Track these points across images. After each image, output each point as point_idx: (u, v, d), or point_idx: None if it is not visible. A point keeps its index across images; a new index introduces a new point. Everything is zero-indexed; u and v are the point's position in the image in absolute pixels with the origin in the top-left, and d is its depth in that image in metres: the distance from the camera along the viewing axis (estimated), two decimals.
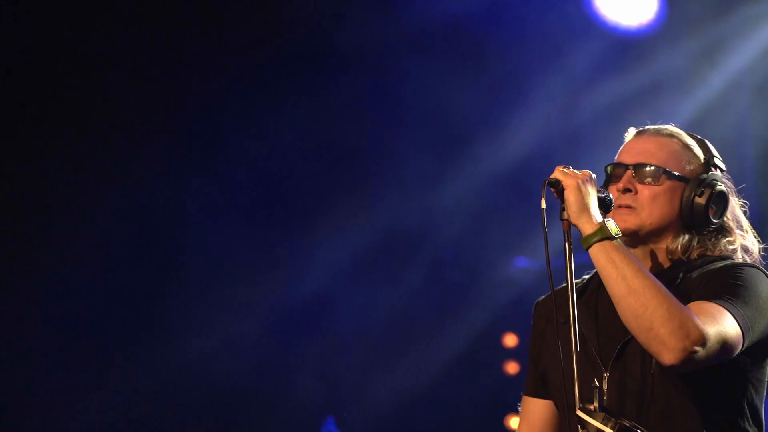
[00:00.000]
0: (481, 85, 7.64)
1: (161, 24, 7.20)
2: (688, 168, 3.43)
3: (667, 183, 3.39)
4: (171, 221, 7.42)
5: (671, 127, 3.50)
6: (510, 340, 8.05)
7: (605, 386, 3.29)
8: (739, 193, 3.53)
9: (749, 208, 3.56)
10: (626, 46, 7.57)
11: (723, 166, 3.48)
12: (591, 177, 3.24)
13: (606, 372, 3.31)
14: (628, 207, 3.38)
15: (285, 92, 7.63)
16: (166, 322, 7.39)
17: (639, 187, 3.39)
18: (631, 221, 3.37)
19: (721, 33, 7.35)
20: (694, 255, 3.40)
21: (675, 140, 3.46)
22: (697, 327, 3.07)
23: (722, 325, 3.14)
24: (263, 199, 7.75)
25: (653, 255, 3.42)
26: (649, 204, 3.38)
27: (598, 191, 3.25)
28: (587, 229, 3.18)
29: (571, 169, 3.24)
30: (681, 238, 3.40)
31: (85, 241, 7.21)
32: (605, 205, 3.26)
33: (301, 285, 7.73)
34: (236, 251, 7.66)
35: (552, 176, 3.24)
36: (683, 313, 3.08)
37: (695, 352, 3.06)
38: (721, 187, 3.42)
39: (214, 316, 7.52)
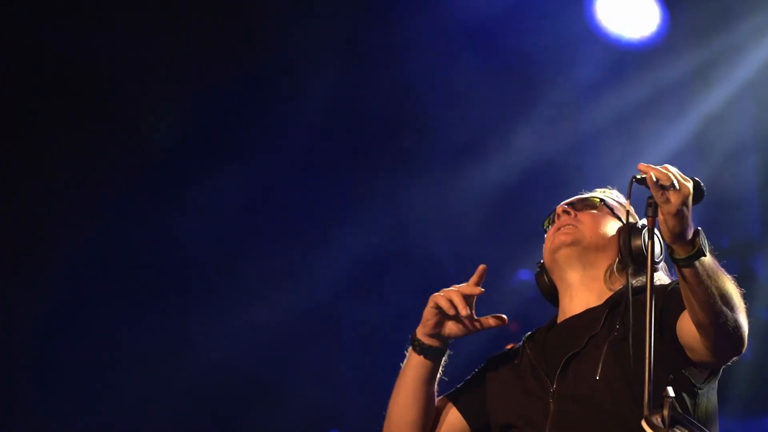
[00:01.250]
0: (482, 98, 7.63)
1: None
2: (623, 219, 3.53)
3: (606, 210, 3.58)
4: (174, 229, 7.42)
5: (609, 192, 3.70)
6: None
7: (551, 399, 3.37)
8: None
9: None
10: (629, 58, 7.56)
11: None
12: (690, 194, 3.05)
13: (553, 386, 3.39)
14: (569, 224, 3.55)
15: (283, 103, 7.65)
16: (171, 330, 7.40)
17: (578, 214, 3.58)
18: (570, 236, 3.54)
19: (724, 45, 7.35)
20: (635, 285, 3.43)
21: (605, 204, 3.63)
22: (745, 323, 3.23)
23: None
24: (267, 210, 7.76)
25: (593, 288, 3.53)
26: (590, 222, 3.55)
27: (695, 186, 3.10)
28: (681, 252, 3.09)
29: (676, 182, 3.03)
30: (613, 274, 3.51)
31: (86, 245, 7.22)
32: (697, 198, 3.09)
33: (304, 297, 7.72)
34: (239, 261, 7.67)
35: (648, 175, 3.04)
36: (743, 311, 3.21)
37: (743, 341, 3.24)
38: (657, 245, 3.42)
39: (217, 326, 7.52)
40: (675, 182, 3.01)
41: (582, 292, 3.52)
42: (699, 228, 3.09)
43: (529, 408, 3.42)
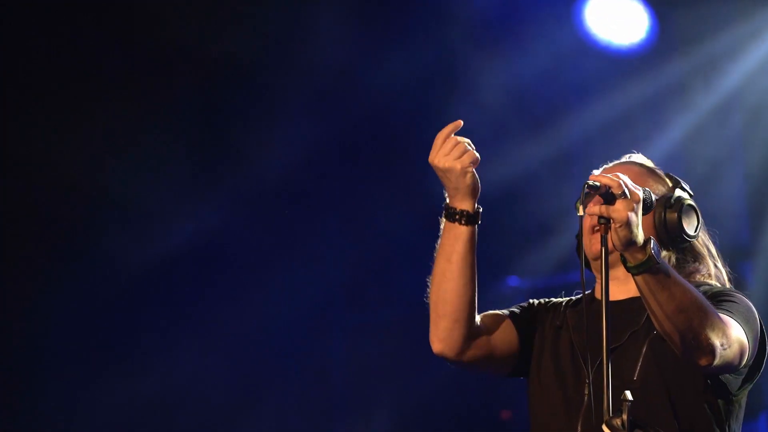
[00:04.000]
0: (467, 104, 7.64)
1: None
2: (657, 191, 3.42)
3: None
4: (164, 235, 7.42)
5: (637, 156, 3.59)
6: None
7: (586, 391, 3.33)
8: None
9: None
10: (616, 65, 7.57)
11: (690, 191, 3.49)
12: (640, 202, 3.13)
13: (588, 378, 3.34)
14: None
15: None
16: (160, 334, 7.39)
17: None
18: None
19: (713, 52, 7.37)
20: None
21: (643, 168, 3.52)
22: (728, 332, 3.16)
23: (737, 330, 3.22)
24: (259, 216, 7.75)
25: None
26: None
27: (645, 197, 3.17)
28: (631, 260, 3.13)
29: (627, 190, 3.11)
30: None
31: (85, 251, 7.21)
32: (646, 208, 3.18)
33: (294, 304, 7.72)
34: (228, 267, 7.67)
35: (601, 184, 3.12)
36: (720, 320, 3.15)
37: (725, 352, 3.14)
38: (690, 201, 3.43)
39: (207, 332, 7.51)
40: (626, 190, 3.09)
41: (626, 281, 3.40)
42: (651, 237, 3.13)
43: (566, 391, 3.36)
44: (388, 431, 7.84)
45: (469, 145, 3.46)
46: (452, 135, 3.44)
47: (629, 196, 3.09)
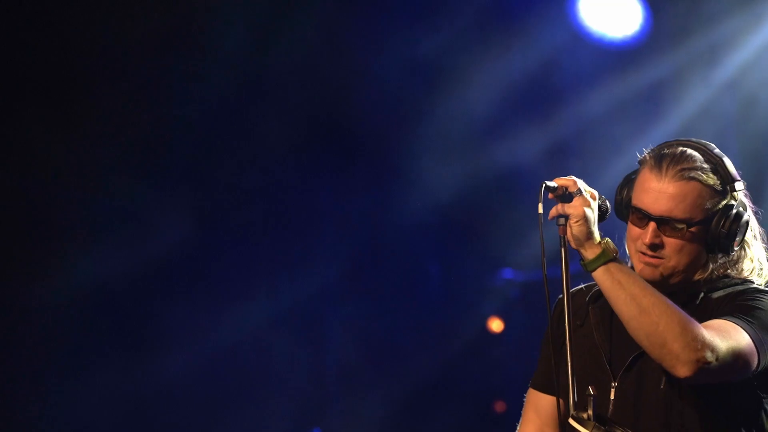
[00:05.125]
0: (462, 97, 7.63)
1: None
2: (710, 207, 3.39)
3: (692, 231, 3.37)
4: (158, 229, 7.40)
5: (690, 160, 3.41)
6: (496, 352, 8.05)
7: (612, 396, 3.34)
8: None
9: None
10: (610, 57, 7.57)
11: (742, 185, 3.45)
12: (596, 200, 3.25)
13: (614, 382, 3.35)
14: (655, 257, 3.38)
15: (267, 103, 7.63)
16: (154, 329, 7.38)
17: (664, 239, 3.37)
18: (659, 273, 3.37)
19: (707, 44, 7.36)
20: (716, 275, 3.43)
21: (697, 184, 3.38)
22: (708, 340, 3.12)
23: (736, 340, 3.19)
24: (252, 212, 7.75)
25: (676, 284, 3.42)
26: (676, 254, 3.37)
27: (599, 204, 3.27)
28: (589, 254, 3.22)
29: (582, 188, 3.23)
30: (704, 268, 3.42)
31: (81, 249, 7.21)
32: (604, 213, 3.29)
33: (287, 296, 7.72)
34: (222, 261, 7.66)
35: (558, 185, 3.23)
36: (695, 327, 3.13)
37: (708, 363, 3.11)
38: (744, 217, 3.40)
39: (201, 326, 7.50)
40: (581, 188, 3.22)
41: (660, 285, 3.37)
42: (608, 238, 3.22)
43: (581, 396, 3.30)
44: (381, 425, 7.84)
45: None
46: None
47: (584, 194, 3.21)
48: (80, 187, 7.21)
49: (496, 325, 7.98)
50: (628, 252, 3.44)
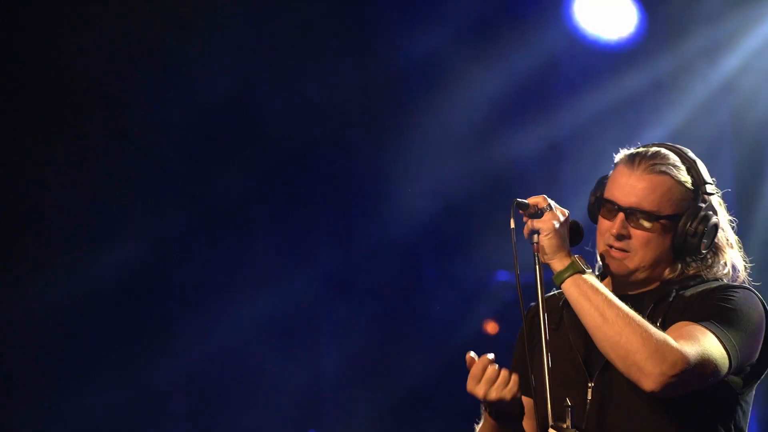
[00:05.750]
0: (457, 100, 7.64)
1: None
2: (680, 204, 3.42)
3: (660, 224, 3.40)
4: (157, 229, 7.41)
5: (662, 157, 3.45)
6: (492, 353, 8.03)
7: (589, 396, 3.35)
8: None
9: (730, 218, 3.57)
10: (605, 59, 7.58)
11: (713, 189, 3.47)
12: (566, 217, 3.35)
13: (591, 382, 3.36)
14: (621, 250, 3.41)
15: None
16: (152, 329, 7.39)
17: (632, 231, 3.40)
18: (624, 266, 3.41)
19: (702, 45, 7.38)
20: (687, 274, 3.44)
21: (667, 178, 3.41)
22: (674, 350, 3.14)
23: (705, 346, 3.19)
24: (249, 215, 7.75)
25: (645, 281, 3.45)
26: (643, 247, 3.40)
27: (570, 225, 3.37)
28: (558, 266, 3.32)
29: (552, 205, 3.35)
30: (673, 267, 3.44)
31: (82, 248, 7.21)
32: (577, 234, 3.40)
33: (282, 298, 7.72)
34: (218, 262, 7.67)
35: (531, 203, 3.37)
36: (658, 338, 3.15)
37: (674, 375, 3.13)
38: (713, 219, 3.42)
39: (197, 327, 7.51)
40: (551, 204, 3.35)
41: (630, 283, 3.45)
42: (580, 255, 3.32)
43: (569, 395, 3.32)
44: (377, 427, 7.84)
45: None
46: (488, 365, 3.48)
47: (554, 209, 3.33)
48: (79, 188, 7.21)
49: (491, 327, 7.99)
50: (597, 251, 3.46)
